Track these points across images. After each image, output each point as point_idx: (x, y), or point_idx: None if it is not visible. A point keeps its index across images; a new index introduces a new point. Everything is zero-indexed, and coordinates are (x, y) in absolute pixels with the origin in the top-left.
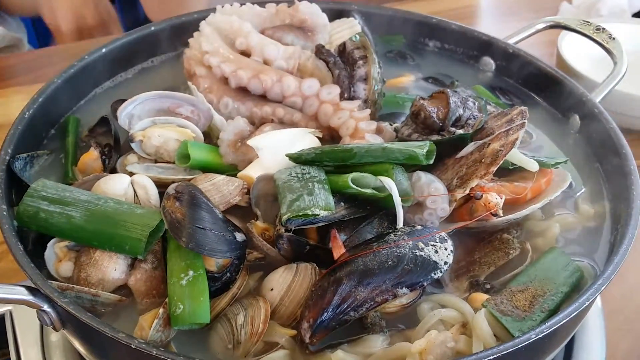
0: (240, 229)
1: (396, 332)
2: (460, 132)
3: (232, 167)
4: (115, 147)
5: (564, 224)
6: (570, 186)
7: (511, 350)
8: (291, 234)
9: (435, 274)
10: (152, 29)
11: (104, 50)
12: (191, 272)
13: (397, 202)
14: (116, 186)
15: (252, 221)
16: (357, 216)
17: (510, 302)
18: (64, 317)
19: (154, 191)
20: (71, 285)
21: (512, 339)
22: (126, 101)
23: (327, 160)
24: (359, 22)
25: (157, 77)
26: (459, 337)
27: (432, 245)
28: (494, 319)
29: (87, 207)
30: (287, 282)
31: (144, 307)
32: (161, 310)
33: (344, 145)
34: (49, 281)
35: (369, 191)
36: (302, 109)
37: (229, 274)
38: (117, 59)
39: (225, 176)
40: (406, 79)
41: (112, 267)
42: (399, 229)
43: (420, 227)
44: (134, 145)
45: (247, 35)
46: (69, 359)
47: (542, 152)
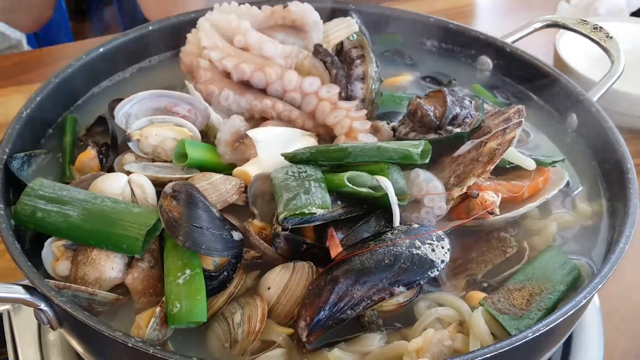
0: (237, 227)
1: (393, 331)
2: (457, 130)
3: (230, 166)
4: (112, 146)
5: (561, 222)
6: (567, 185)
7: (508, 348)
8: (288, 232)
9: (432, 273)
10: (150, 28)
11: (102, 49)
12: (188, 271)
13: (393, 201)
14: (113, 185)
15: (249, 220)
16: (353, 215)
17: (507, 300)
18: (61, 315)
19: (151, 190)
20: (68, 284)
21: (509, 337)
22: (123, 100)
23: (322, 159)
24: (357, 21)
25: (154, 77)
26: (456, 335)
27: (429, 243)
28: (491, 317)
29: (84, 206)
30: (284, 280)
31: (141, 306)
32: (158, 309)
33: (339, 144)
34: (46, 280)
35: (364, 190)
36: (301, 105)
37: (226, 273)
38: (115, 58)
39: (222, 175)
40: (404, 78)
41: (109, 266)
42: (395, 227)
43: (417, 226)
44: (131, 144)
45: (245, 33)
46: (67, 358)
47: (539, 151)
